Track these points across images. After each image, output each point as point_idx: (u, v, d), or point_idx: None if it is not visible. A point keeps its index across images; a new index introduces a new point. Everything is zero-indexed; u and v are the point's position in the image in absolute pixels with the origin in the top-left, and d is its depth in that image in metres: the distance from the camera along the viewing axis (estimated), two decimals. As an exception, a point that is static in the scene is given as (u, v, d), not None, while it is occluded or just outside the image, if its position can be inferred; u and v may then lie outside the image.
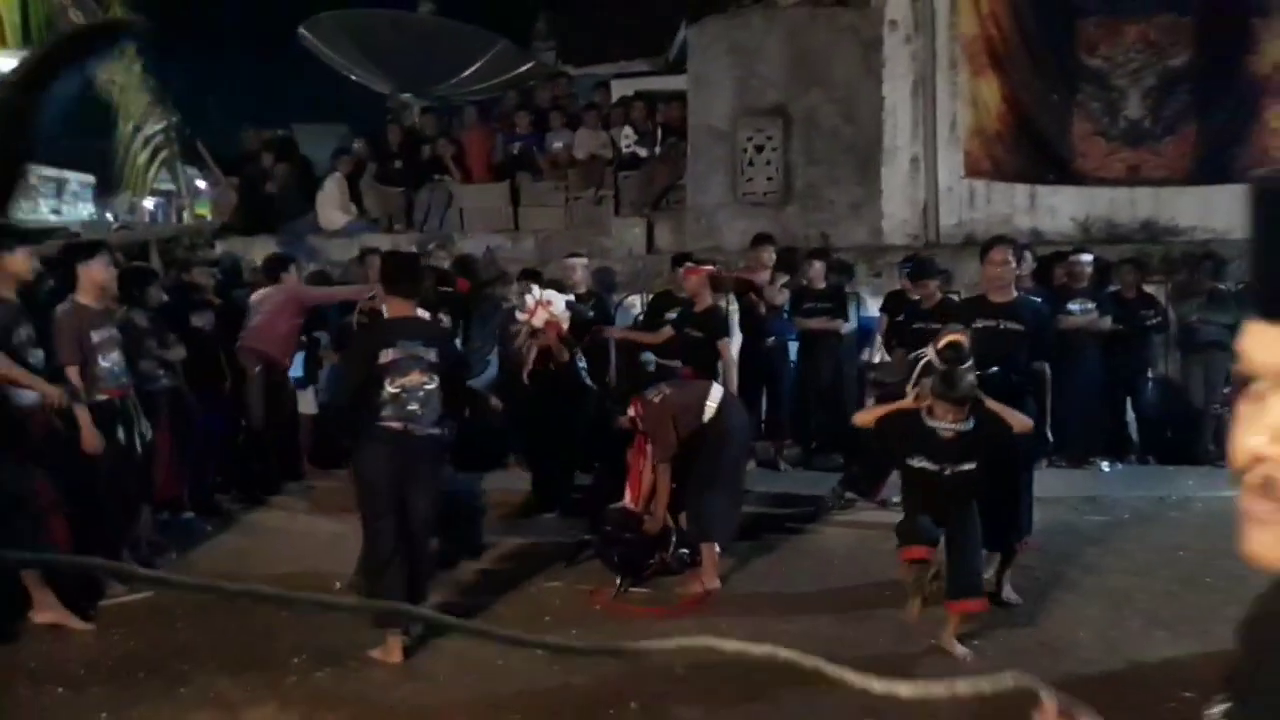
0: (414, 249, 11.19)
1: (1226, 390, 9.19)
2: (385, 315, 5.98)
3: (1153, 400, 9.65)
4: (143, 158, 11.96)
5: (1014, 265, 6.48)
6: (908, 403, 5.63)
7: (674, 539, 6.67)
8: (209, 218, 13.89)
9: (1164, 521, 7.78)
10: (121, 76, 11.79)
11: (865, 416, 5.95)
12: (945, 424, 5.37)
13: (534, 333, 7.86)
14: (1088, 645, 5.61)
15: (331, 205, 12.21)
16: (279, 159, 12.87)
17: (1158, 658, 5.43)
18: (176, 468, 7.82)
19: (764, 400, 9.17)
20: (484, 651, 5.48)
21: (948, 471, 5.42)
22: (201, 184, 15.51)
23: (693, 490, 6.57)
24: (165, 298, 8.24)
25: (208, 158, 13.15)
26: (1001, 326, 6.17)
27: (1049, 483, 8.28)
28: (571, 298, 8.28)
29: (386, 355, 5.53)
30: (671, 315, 8.53)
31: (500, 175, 12.64)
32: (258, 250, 11.33)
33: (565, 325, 7.85)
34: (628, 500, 6.68)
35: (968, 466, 5.42)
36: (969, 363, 5.38)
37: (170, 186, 15.53)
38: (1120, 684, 5.18)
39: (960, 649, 5.46)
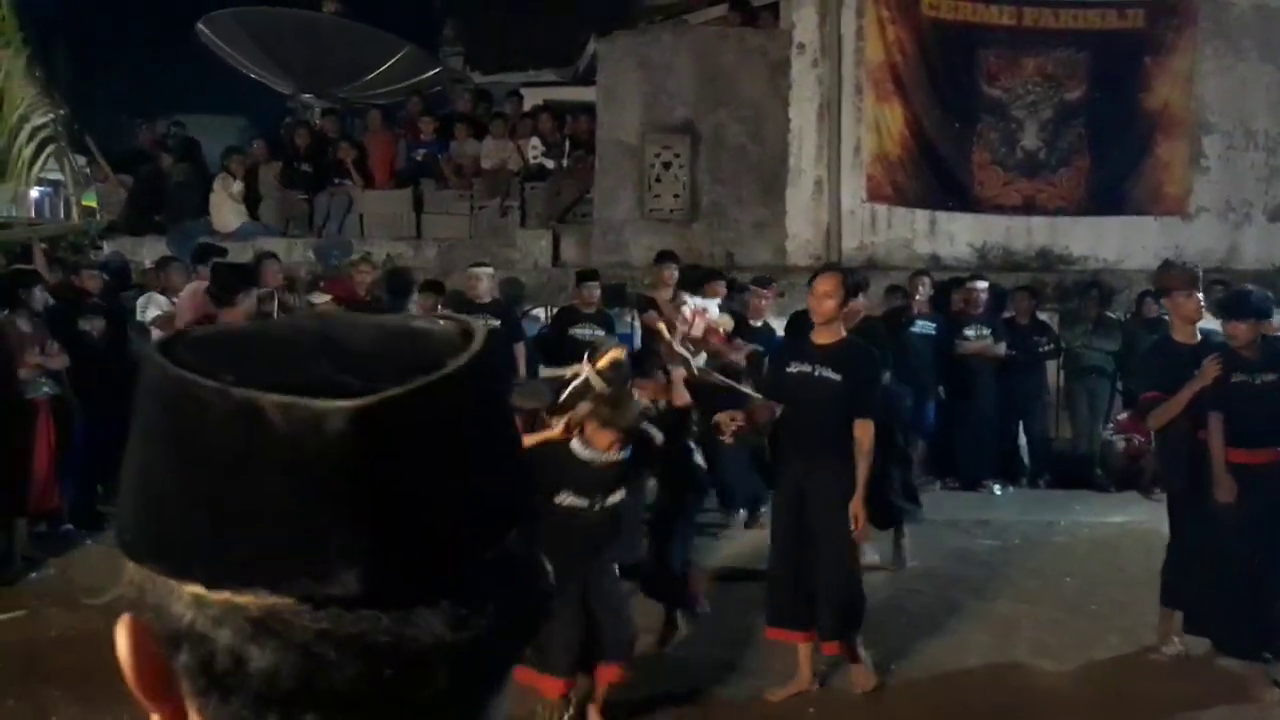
0: (312, 255, 11.02)
1: (1121, 417, 9.45)
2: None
3: (1044, 425, 9.88)
4: (29, 150, 11.45)
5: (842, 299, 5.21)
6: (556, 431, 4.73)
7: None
8: (96, 211, 13.37)
9: (1052, 547, 7.94)
10: (7, 63, 11.28)
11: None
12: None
13: (696, 343, 7.74)
14: (976, 674, 5.69)
15: (224, 206, 11.85)
16: (180, 159, 12.44)
17: (1042, 687, 5.54)
18: (56, 478, 7.49)
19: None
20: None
21: (596, 506, 4.64)
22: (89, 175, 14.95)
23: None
24: (51, 301, 7.91)
25: (96, 154, 12.66)
26: (817, 373, 5.17)
27: (942, 505, 8.45)
28: (719, 301, 8.15)
29: None
30: (584, 330, 8.49)
31: (403, 182, 12.40)
32: (146, 251, 10.96)
33: (724, 330, 7.75)
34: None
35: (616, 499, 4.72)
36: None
37: (58, 176, 14.95)
38: (1006, 716, 5.27)
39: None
